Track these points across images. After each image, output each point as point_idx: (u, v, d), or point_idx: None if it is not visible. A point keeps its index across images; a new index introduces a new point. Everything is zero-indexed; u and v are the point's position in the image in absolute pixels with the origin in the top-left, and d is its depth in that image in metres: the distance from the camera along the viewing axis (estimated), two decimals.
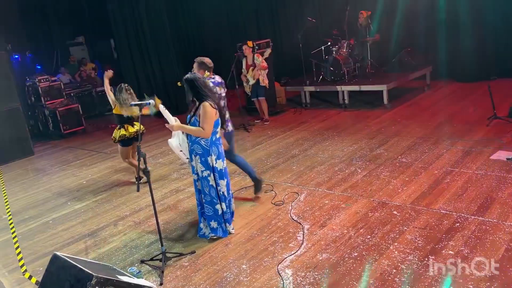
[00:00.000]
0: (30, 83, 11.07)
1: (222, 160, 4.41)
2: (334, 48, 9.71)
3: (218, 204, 4.42)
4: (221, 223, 4.49)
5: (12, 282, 4.22)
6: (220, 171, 4.38)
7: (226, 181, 4.45)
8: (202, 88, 4.23)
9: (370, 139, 6.92)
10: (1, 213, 6.14)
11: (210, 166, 4.32)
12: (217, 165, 4.37)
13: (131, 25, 10.93)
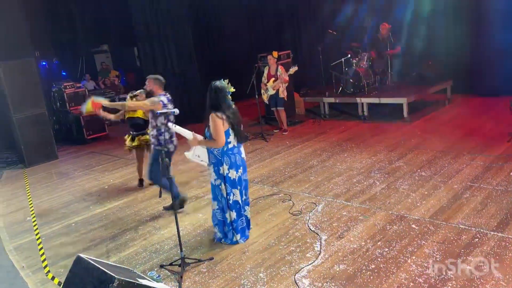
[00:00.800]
0: (56, 89, 11.39)
1: (235, 169, 4.44)
2: (354, 60, 9.75)
3: (228, 212, 4.53)
4: (229, 231, 4.58)
5: (36, 282, 4.35)
6: (232, 180, 4.45)
7: (239, 189, 4.49)
8: (220, 99, 4.33)
9: (389, 151, 6.91)
10: (26, 215, 6.32)
11: (222, 175, 4.44)
12: (230, 175, 4.44)
13: (155, 33, 11.16)
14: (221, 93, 4.35)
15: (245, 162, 4.60)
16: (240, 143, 4.52)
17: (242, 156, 4.53)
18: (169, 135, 5.42)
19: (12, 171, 9.07)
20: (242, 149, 4.58)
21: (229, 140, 4.41)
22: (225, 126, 4.34)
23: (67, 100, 11.07)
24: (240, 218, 4.57)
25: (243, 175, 4.53)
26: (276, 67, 8.72)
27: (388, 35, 9.67)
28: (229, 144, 4.42)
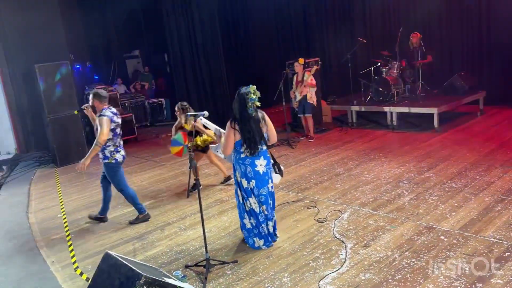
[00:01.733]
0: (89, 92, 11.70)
1: (246, 180, 4.41)
2: (384, 69, 9.66)
3: (246, 218, 4.53)
4: (249, 237, 4.58)
5: (64, 277, 4.47)
6: (245, 188, 4.45)
7: (257, 201, 4.45)
8: (239, 107, 4.28)
9: (419, 162, 6.79)
10: (56, 212, 6.51)
11: (236, 181, 4.50)
12: (243, 183, 4.45)
13: (185, 39, 11.37)
14: (241, 101, 4.26)
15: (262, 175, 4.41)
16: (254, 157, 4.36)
17: (256, 169, 4.38)
18: (114, 147, 5.45)
19: (44, 170, 9.36)
20: (260, 161, 4.40)
21: (241, 150, 4.36)
22: (236, 137, 4.31)
23: None
24: (261, 225, 4.52)
25: (257, 189, 4.41)
26: (303, 74, 8.73)
27: (420, 44, 9.54)
28: (242, 154, 4.37)
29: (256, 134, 4.30)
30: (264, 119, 4.42)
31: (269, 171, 4.52)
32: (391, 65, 9.66)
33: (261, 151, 4.40)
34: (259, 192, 4.44)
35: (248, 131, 4.27)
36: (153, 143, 11.04)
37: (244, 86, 4.36)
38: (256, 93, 4.30)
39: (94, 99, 5.43)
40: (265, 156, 4.46)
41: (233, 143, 4.33)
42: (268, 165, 4.51)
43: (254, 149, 4.33)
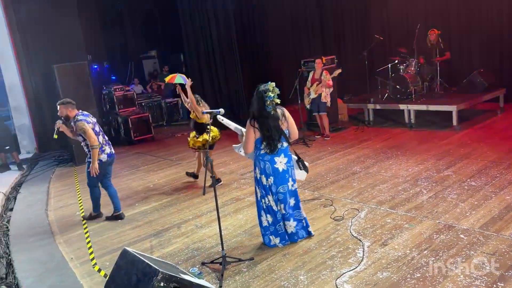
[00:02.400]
0: (106, 92, 11.87)
1: (265, 176, 4.38)
2: (401, 66, 9.54)
3: (263, 216, 4.52)
4: (265, 235, 4.55)
5: (83, 273, 4.52)
6: (264, 185, 4.43)
7: (273, 198, 4.43)
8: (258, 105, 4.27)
9: (437, 160, 6.68)
10: (75, 210, 6.60)
11: (256, 179, 4.48)
12: (262, 180, 4.44)
13: (201, 40, 11.41)
14: (259, 98, 4.25)
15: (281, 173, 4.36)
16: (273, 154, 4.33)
17: (275, 166, 4.34)
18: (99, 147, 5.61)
19: (63, 169, 9.50)
20: (280, 159, 4.36)
21: (261, 147, 4.35)
22: (256, 134, 4.30)
23: (116, 103, 11.50)
24: (278, 223, 4.50)
25: (275, 186, 4.38)
26: (321, 72, 8.68)
27: (438, 40, 9.39)
28: (261, 150, 4.36)
29: (274, 132, 4.26)
30: (284, 115, 4.37)
31: (290, 169, 4.44)
32: (408, 63, 9.54)
33: (281, 148, 4.35)
34: (277, 190, 4.40)
35: (267, 129, 4.24)
36: (169, 142, 11.11)
37: (263, 84, 4.33)
38: (275, 91, 4.27)
39: (65, 108, 5.58)
40: (285, 154, 4.40)
41: (254, 141, 4.31)
42: (289, 163, 4.43)
43: (273, 147, 4.30)
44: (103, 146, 5.72)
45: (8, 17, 10.33)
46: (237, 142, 4.90)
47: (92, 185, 5.88)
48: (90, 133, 5.48)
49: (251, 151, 4.41)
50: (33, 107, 10.79)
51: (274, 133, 4.27)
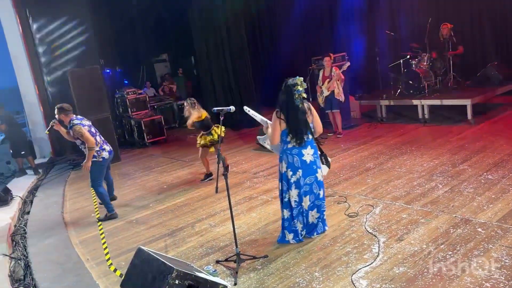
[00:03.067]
0: (119, 95, 11.99)
1: (292, 171, 4.39)
2: (413, 61, 9.43)
3: (282, 210, 4.54)
4: (283, 228, 4.57)
5: (99, 273, 4.56)
6: (288, 180, 4.43)
7: (298, 193, 4.43)
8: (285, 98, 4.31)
9: (453, 154, 6.59)
10: (90, 212, 6.67)
11: (280, 172, 4.49)
12: (287, 174, 4.44)
13: (211, 42, 11.42)
14: (286, 92, 4.31)
15: (309, 164, 4.39)
16: (300, 147, 4.37)
17: (303, 159, 4.37)
18: (97, 146, 5.91)
19: (78, 172, 9.58)
20: (307, 151, 4.39)
21: (288, 140, 4.38)
22: (282, 126, 4.34)
23: (129, 106, 11.62)
24: (293, 220, 4.49)
25: (303, 178, 4.39)
26: (330, 69, 8.63)
27: (450, 34, 9.26)
28: (289, 144, 4.39)
29: (302, 124, 4.34)
30: (310, 109, 4.45)
31: (317, 160, 4.50)
32: (420, 57, 9.43)
33: (307, 140, 4.41)
34: (304, 182, 4.41)
35: (295, 122, 4.31)
36: (181, 143, 11.16)
37: (291, 78, 4.38)
38: (303, 85, 4.34)
39: (60, 114, 5.85)
40: (312, 145, 4.45)
41: (280, 132, 4.36)
42: (316, 154, 4.49)
43: (301, 139, 4.36)
44: (103, 145, 6.05)
45: (22, 24, 10.50)
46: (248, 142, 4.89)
47: (97, 185, 6.05)
48: (88, 136, 5.76)
49: (277, 143, 4.45)
50: (47, 112, 10.92)
51: (302, 125, 4.34)
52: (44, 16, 10.21)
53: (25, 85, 10.94)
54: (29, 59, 10.69)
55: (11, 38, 10.66)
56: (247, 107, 4.81)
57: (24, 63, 10.73)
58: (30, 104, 11.05)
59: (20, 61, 10.73)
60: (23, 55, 10.67)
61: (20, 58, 10.71)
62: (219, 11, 11.19)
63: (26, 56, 10.67)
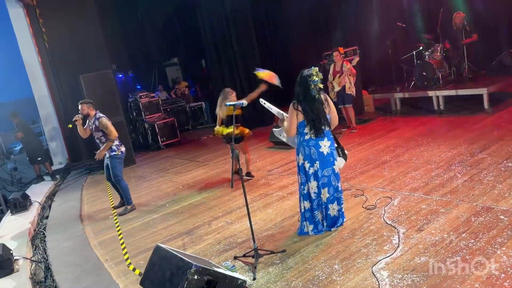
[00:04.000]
0: (132, 99, 12.08)
1: (309, 163, 4.37)
2: (427, 52, 9.29)
3: (301, 202, 4.52)
4: (302, 220, 4.55)
5: (118, 273, 4.58)
6: (306, 172, 4.40)
7: (317, 184, 4.41)
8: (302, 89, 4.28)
9: (471, 144, 6.46)
10: (108, 214, 6.71)
11: (298, 164, 4.47)
12: (305, 166, 4.41)
13: (221, 43, 11.41)
14: (302, 83, 4.29)
15: (326, 156, 4.36)
16: (318, 138, 4.33)
17: (320, 150, 4.34)
18: (117, 141, 6.43)
19: (94, 177, 9.71)
20: (324, 143, 4.36)
21: (305, 132, 4.35)
22: (299, 118, 4.32)
23: (142, 109, 11.70)
24: (314, 211, 4.47)
25: (320, 170, 4.36)
26: (341, 63, 8.55)
27: (463, 23, 9.10)
28: (306, 136, 4.37)
29: (321, 114, 4.31)
30: (327, 100, 4.41)
31: (334, 152, 4.47)
32: (434, 48, 9.29)
33: (325, 131, 4.37)
34: (322, 174, 4.38)
35: (313, 112, 4.27)
36: (195, 145, 11.19)
37: (306, 69, 4.34)
38: (319, 75, 4.30)
39: (88, 106, 6.34)
40: (328, 137, 4.42)
41: (296, 124, 4.34)
42: (332, 146, 4.46)
43: (319, 130, 4.32)
44: (120, 142, 6.56)
45: (34, 31, 10.66)
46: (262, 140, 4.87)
47: (119, 178, 6.48)
48: (112, 128, 6.34)
49: (293, 135, 4.43)
50: (62, 119, 11.07)
51: (320, 115, 4.30)
52: (55, 23, 10.35)
53: (38, 91, 11.09)
54: (42, 67, 10.85)
55: (24, 47, 10.83)
56: (262, 99, 4.78)
57: (37, 70, 10.90)
58: (45, 112, 11.21)
59: (33, 67, 10.88)
60: (36, 61, 10.83)
61: (34, 66, 10.87)
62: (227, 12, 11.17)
63: (40, 64, 10.84)
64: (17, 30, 10.75)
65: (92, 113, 6.38)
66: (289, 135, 4.47)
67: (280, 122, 4.67)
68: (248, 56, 11.32)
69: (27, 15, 10.64)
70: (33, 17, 10.61)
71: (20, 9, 10.58)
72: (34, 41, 10.73)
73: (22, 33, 10.74)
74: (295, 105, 4.32)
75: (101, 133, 6.34)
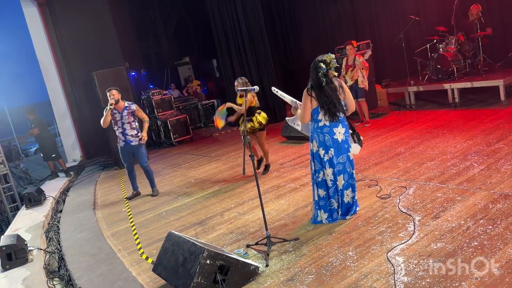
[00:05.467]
0: (145, 97, 12.14)
1: (324, 149, 4.32)
2: (441, 45, 9.15)
3: (315, 190, 4.46)
4: (316, 209, 4.48)
5: (131, 262, 4.58)
6: (321, 158, 4.35)
7: (332, 171, 4.34)
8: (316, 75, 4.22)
9: (487, 135, 6.33)
10: (121, 207, 6.74)
11: (311, 151, 4.42)
12: (319, 153, 4.36)
13: (232, 42, 11.37)
14: (317, 69, 4.22)
15: (341, 143, 4.31)
16: (332, 122, 4.27)
17: (334, 137, 4.30)
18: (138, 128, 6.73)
19: (108, 172, 9.77)
20: (338, 129, 4.31)
21: (319, 118, 4.30)
22: (313, 104, 4.28)
23: (155, 107, 11.74)
24: (329, 199, 4.39)
25: (335, 157, 4.31)
26: (354, 57, 8.47)
27: (479, 15, 8.93)
28: (320, 122, 4.31)
29: (334, 99, 4.24)
30: (342, 87, 4.35)
31: (348, 139, 4.41)
32: (448, 41, 9.15)
33: (340, 117, 4.32)
34: (338, 161, 4.33)
35: (326, 97, 4.22)
36: (207, 141, 11.20)
37: (321, 55, 4.30)
38: (332, 63, 4.24)
39: (118, 93, 6.53)
40: (343, 124, 4.36)
41: (310, 110, 4.30)
42: (347, 133, 4.40)
43: (333, 115, 4.26)
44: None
45: (48, 29, 10.80)
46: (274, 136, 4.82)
47: (147, 164, 6.83)
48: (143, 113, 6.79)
49: (307, 121, 4.38)
50: (76, 116, 11.18)
51: (334, 100, 4.24)
52: (69, 22, 10.46)
53: (54, 92, 11.22)
54: (56, 65, 10.97)
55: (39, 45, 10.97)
56: (275, 87, 4.74)
57: (52, 69, 11.02)
58: (59, 110, 11.33)
59: (48, 67, 11.02)
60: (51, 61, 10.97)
61: (48, 64, 11.00)
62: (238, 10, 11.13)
63: (53, 62, 10.96)
64: (32, 29, 10.89)
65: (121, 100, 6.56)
66: (303, 122, 4.42)
67: (293, 110, 4.62)
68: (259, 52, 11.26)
69: (41, 14, 10.77)
70: (47, 15, 10.75)
71: (34, 8, 10.72)
72: (48, 38, 10.85)
73: (36, 32, 10.88)
74: (309, 91, 4.28)
75: (133, 117, 6.59)
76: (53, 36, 10.82)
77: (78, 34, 10.45)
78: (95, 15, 10.64)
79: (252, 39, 11.15)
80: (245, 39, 11.15)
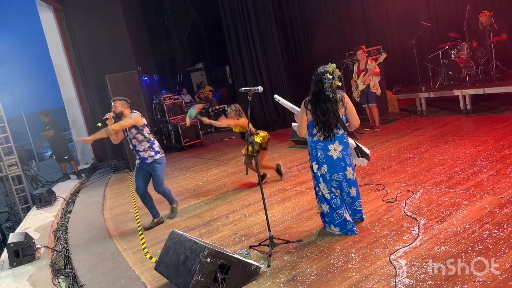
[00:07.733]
0: (157, 101, 12.26)
1: (318, 164, 4.18)
2: (452, 51, 9.07)
3: (320, 205, 4.34)
4: (324, 222, 4.36)
5: (135, 261, 4.61)
6: (315, 173, 4.25)
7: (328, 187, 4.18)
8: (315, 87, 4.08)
9: (497, 141, 6.24)
10: (129, 208, 6.79)
11: (310, 164, 4.35)
12: (313, 167, 4.27)
13: (245, 52, 11.42)
14: (317, 81, 4.02)
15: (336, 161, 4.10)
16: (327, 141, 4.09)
17: (328, 154, 4.09)
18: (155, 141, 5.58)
19: (119, 175, 9.86)
20: (334, 146, 4.09)
21: (314, 133, 4.14)
22: (309, 117, 4.15)
23: (166, 111, 11.84)
24: (334, 213, 4.18)
25: (329, 174, 4.13)
26: (365, 62, 8.44)
27: (491, 22, 8.84)
28: (314, 137, 4.16)
29: (331, 117, 4.00)
30: (343, 101, 4.10)
31: (347, 158, 4.15)
32: (460, 47, 9.06)
33: (336, 135, 4.08)
34: (332, 178, 4.15)
35: (323, 113, 4.00)
36: (217, 145, 11.23)
37: (322, 65, 4.12)
38: (336, 72, 4.04)
39: (122, 104, 5.40)
40: (341, 141, 4.11)
41: (306, 124, 4.18)
42: (346, 151, 4.14)
43: (328, 133, 4.05)
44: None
45: (63, 33, 11.01)
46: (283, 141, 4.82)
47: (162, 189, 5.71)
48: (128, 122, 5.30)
49: (304, 134, 4.27)
50: (89, 119, 11.34)
51: (331, 117, 4.01)
52: (83, 27, 10.66)
53: (68, 96, 11.42)
54: (70, 69, 11.17)
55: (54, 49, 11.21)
56: (277, 95, 4.72)
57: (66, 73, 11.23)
58: (73, 114, 11.52)
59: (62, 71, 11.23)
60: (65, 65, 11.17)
61: (63, 68, 11.21)
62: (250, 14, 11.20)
63: (68, 65, 11.16)
64: (48, 33, 11.12)
65: (126, 111, 5.42)
66: (299, 134, 4.31)
67: (296, 118, 4.57)
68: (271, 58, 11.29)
69: (56, 19, 11.01)
70: (63, 20, 10.97)
71: (51, 13, 10.95)
72: (63, 43, 11.07)
73: (52, 36, 11.11)
74: (306, 104, 4.13)
75: (136, 130, 5.39)
76: (68, 41, 11.04)
77: (92, 39, 10.63)
78: (109, 20, 10.83)
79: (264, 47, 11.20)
80: (257, 45, 11.21)
